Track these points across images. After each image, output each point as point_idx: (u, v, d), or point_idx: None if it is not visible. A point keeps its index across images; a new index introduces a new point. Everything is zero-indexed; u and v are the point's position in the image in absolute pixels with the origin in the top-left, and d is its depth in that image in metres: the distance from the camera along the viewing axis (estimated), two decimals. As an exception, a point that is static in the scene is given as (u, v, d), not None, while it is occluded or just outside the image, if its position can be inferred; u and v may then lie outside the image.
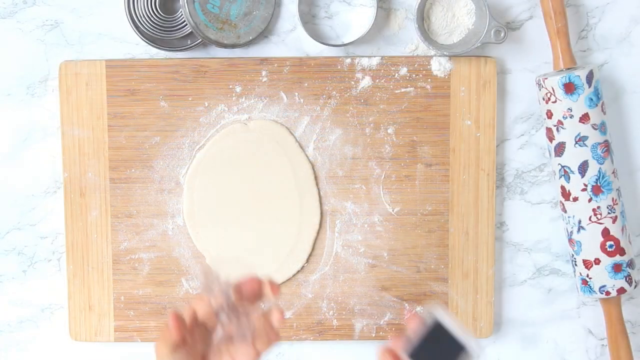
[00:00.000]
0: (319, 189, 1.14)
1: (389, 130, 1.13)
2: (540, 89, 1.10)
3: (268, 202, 1.12)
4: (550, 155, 1.13)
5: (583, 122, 1.08)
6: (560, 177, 1.11)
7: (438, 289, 1.15)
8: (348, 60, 1.12)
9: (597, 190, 1.09)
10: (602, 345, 1.19)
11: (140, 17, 1.11)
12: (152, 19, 1.11)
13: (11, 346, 1.17)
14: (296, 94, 1.12)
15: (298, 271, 1.14)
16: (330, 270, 1.14)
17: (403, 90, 1.12)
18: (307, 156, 1.13)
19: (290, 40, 1.13)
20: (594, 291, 1.12)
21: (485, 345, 1.18)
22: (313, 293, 1.14)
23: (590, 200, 1.09)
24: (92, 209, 1.13)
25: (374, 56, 1.12)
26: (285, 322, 1.13)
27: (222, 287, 0.82)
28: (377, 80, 1.12)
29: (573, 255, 1.13)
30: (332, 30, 1.13)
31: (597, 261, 1.11)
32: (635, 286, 1.12)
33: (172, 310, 0.90)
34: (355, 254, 1.14)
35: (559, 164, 1.11)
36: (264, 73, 1.12)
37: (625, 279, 1.11)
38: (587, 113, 1.08)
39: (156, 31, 1.11)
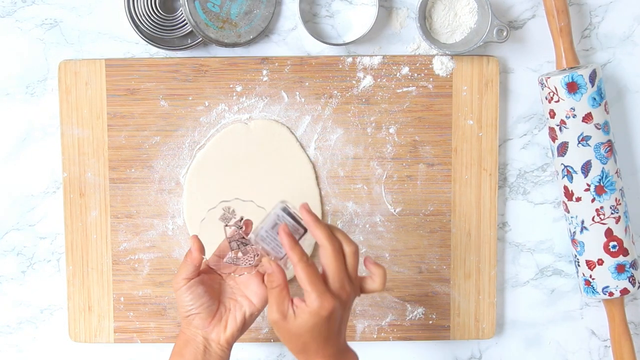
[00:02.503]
0: (320, 189, 1.13)
1: (391, 130, 1.13)
2: (542, 89, 1.10)
3: (268, 203, 1.09)
4: (553, 155, 1.12)
5: (586, 122, 1.07)
6: (563, 177, 1.11)
7: (440, 290, 1.15)
8: (349, 60, 1.12)
9: (600, 190, 1.09)
10: (606, 346, 1.19)
11: (140, 16, 1.10)
12: (152, 17, 1.10)
13: (10, 347, 1.16)
14: (297, 93, 1.12)
15: (299, 272, 1.13)
16: (331, 271, 1.13)
17: (405, 89, 1.12)
18: (308, 156, 1.13)
19: (291, 39, 1.13)
20: (597, 292, 1.12)
21: (488, 347, 1.19)
22: (314, 294, 1.13)
23: (593, 200, 1.09)
24: (91, 209, 1.13)
25: (376, 55, 1.12)
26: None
27: (236, 220, 0.99)
28: (379, 80, 1.12)
29: (576, 255, 1.13)
30: (334, 29, 1.13)
31: (600, 262, 1.10)
32: (639, 287, 1.12)
33: (193, 235, 0.98)
34: (357, 255, 1.14)
35: (562, 163, 1.10)
36: (264, 72, 1.11)
37: (629, 280, 1.11)
38: (590, 112, 1.07)
39: (156, 30, 1.11)
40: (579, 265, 1.13)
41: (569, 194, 1.11)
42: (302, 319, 0.91)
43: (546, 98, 1.09)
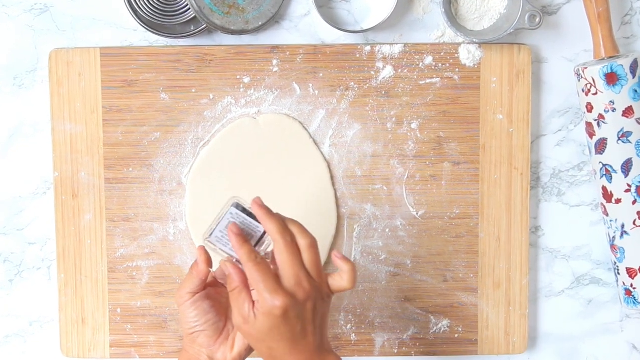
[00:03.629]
0: (335, 190, 1.12)
1: (413, 125, 1.11)
2: (579, 80, 1.08)
3: (279, 205, 1.08)
4: (590, 152, 1.11)
5: (626, 116, 1.06)
6: (601, 176, 1.09)
7: (467, 300, 1.14)
8: (367, 48, 1.11)
9: (642, 191, 1.10)
10: (648, 362, 1.18)
11: (139, 0, 1.09)
12: (151, 2, 1.10)
13: (-3, 363, 1.16)
14: (310, 85, 1.11)
15: (313, 281, 1.14)
16: (348, 279, 1.13)
17: (428, 81, 1.11)
18: (322, 154, 1.12)
19: (304, 25, 1.12)
20: (639, 303, 1.10)
21: (519, 363, 1.18)
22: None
23: (634, 202, 1.08)
24: (85, 211, 1.11)
25: (396, 43, 1.11)
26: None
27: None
28: (400, 70, 1.11)
29: (615, 263, 1.11)
30: (350, 15, 1.12)
31: (643, 270, 1.11)
32: (684, 297, 1.12)
33: (200, 246, 0.97)
34: (376, 262, 1.13)
35: (600, 162, 1.09)
36: (274, 62, 1.11)
37: (674, 290, 1.11)
38: (631, 106, 1.06)
39: (156, 16, 1.10)
40: (618, 274, 1.11)
41: (607, 196, 1.09)
42: (259, 321, 0.90)
43: (583, 90, 1.08)
